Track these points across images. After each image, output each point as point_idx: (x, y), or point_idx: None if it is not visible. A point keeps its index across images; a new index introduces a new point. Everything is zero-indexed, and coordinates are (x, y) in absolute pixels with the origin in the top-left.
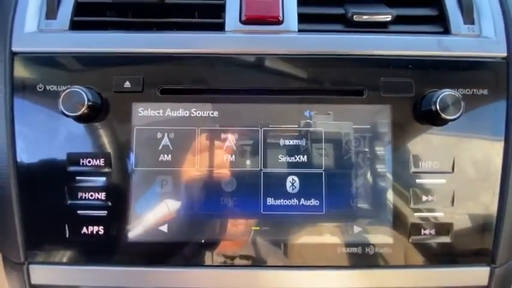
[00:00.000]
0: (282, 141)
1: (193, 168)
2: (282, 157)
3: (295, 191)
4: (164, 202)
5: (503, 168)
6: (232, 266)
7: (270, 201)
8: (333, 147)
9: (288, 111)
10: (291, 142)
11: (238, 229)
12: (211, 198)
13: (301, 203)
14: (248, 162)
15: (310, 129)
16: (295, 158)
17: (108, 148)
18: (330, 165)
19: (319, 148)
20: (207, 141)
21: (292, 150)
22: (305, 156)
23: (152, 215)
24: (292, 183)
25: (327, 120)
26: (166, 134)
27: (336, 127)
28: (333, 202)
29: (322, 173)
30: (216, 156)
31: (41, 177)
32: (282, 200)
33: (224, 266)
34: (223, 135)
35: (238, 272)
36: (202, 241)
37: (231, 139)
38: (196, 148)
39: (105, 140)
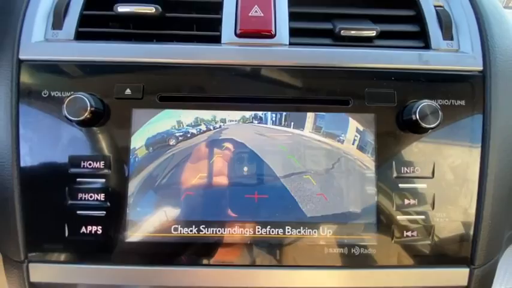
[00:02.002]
0: (271, 147)
1: (191, 173)
2: (271, 161)
3: (285, 194)
4: (161, 204)
5: (480, 173)
6: (228, 265)
7: (263, 202)
8: (322, 156)
9: (278, 119)
10: (280, 147)
11: (233, 231)
12: (208, 203)
13: (290, 207)
14: (244, 169)
15: (301, 138)
16: (287, 167)
17: (108, 151)
18: (319, 172)
19: (309, 156)
20: (204, 148)
21: (282, 154)
22: (297, 165)
23: (149, 217)
24: (282, 186)
25: (316, 129)
26: (164, 139)
27: (325, 136)
28: (322, 206)
29: (311, 179)
30: (212, 163)
31: (43, 178)
32: (276, 205)
33: (219, 265)
34: (219, 142)
35: (233, 271)
36: (199, 242)
37: (227, 146)
38: (193, 154)
39: (106, 144)
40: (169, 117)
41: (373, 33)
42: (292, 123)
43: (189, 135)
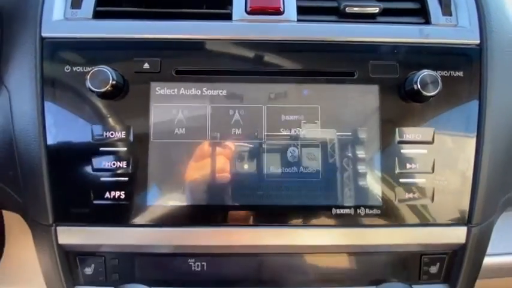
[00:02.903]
0: (282, 117)
1: (205, 140)
2: (282, 130)
3: (295, 160)
4: (179, 170)
5: (477, 138)
6: (238, 225)
7: (273, 169)
8: (328, 121)
9: (288, 90)
10: (291, 117)
11: (245, 193)
12: (221, 167)
13: (300, 171)
14: (253, 135)
15: (308, 105)
16: (294, 132)
17: (129, 122)
18: (324, 137)
19: (316, 121)
20: (217, 117)
21: (292, 125)
22: (303, 130)
23: (168, 182)
24: (292, 153)
25: (322, 96)
26: (180, 110)
27: (331, 104)
28: (328, 169)
29: (318, 143)
30: (224, 130)
31: (68, 148)
32: (283, 168)
33: (231, 225)
34: (231, 112)
35: (244, 230)
36: (213, 204)
37: (238, 115)
38: (207, 122)
39: (127, 115)
40: (186, 89)
41: (376, 10)
42: (303, 94)
43: (204, 106)
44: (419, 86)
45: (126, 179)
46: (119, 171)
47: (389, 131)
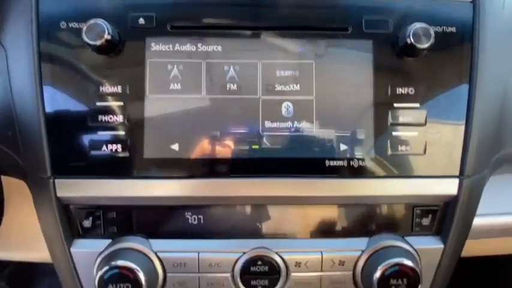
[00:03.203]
0: (277, 73)
1: (200, 95)
2: (277, 86)
3: (289, 115)
4: (175, 124)
5: (469, 90)
6: (234, 177)
7: (268, 123)
8: (322, 76)
9: (283, 46)
10: (286, 73)
11: (240, 147)
12: (216, 121)
13: (294, 125)
14: (248, 90)
15: (303, 61)
16: (289, 87)
17: (125, 77)
18: (319, 92)
19: (310, 77)
20: (212, 72)
21: (287, 80)
22: (298, 85)
23: (164, 135)
24: (286, 108)
25: (316, 52)
26: (176, 66)
27: (325, 60)
28: (321, 123)
29: (312, 98)
30: (219, 85)
31: (65, 102)
32: (277, 123)
33: (226, 177)
34: (226, 67)
35: (239, 182)
36: (208, 157)
37: (233, 70)
38: (203, 78)
39: (123, 70)
40: (181, 45)
41: None
42: (298, 50)
43: (199, 62)
44: (412, 40)
45: (123, 132)
46: (115, 125)
47: (382, 85)
